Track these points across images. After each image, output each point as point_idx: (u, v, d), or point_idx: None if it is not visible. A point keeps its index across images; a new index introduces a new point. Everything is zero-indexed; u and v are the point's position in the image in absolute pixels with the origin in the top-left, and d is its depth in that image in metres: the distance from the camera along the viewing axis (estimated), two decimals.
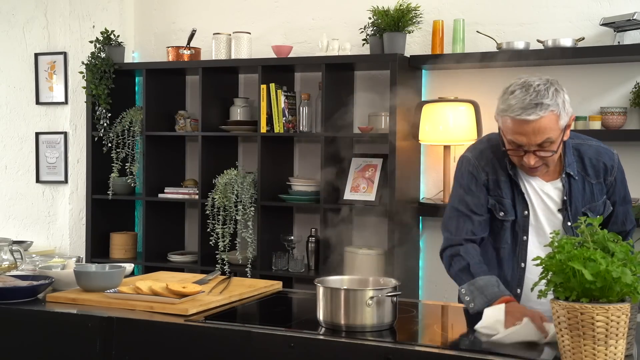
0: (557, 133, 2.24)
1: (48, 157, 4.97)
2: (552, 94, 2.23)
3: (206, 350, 2.05)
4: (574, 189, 2.35)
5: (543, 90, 2.23)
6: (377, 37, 4.07)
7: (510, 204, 2.37)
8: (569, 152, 2.37)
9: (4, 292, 2.30)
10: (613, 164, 2.40)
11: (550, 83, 2.27)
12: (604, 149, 2.43)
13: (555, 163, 2.33)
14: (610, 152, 2.43)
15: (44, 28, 4.97)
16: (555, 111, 2.22)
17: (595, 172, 2.38)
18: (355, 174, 4.21)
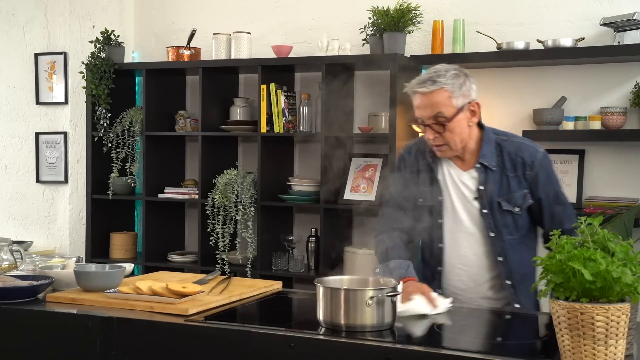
0: (451, 111, 2.46)
1: (48, 157, 4.97)
2: (450, 76, 2.48)
3: (206, 350, 2.05)
4: (489, 179, 2.52)
5: (442, 71, 2.50)
6: (377, 37, 4.07)
7: (428, 190, 2.58)
8: (487, 145, 2.54)
9: (4, 292, 2.30)
10: (534, 160, 2.52)
11: (455, 69, 2.52)
12: (526, 146, 2.56)
13: (458, 145, 2.51)
14: (533, 149, 2.55)
15: (44, 28, 4.97)
16: (447, 88, 2.46)
17: (513, 166, 2.52)
18: (355, 174, 4.21)
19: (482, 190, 2.52)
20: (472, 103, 2.51)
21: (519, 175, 2.52)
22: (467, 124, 2.50)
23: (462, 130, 2.50)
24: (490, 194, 2.51)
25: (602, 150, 3.90)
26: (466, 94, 2.49)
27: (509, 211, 2.51)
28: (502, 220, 2.52)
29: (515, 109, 4.04)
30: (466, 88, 2.50)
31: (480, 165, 2.53)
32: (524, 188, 2.52)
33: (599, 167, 3.90)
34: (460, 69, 2.55)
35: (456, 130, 2.48)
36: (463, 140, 2.51)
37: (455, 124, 2.48)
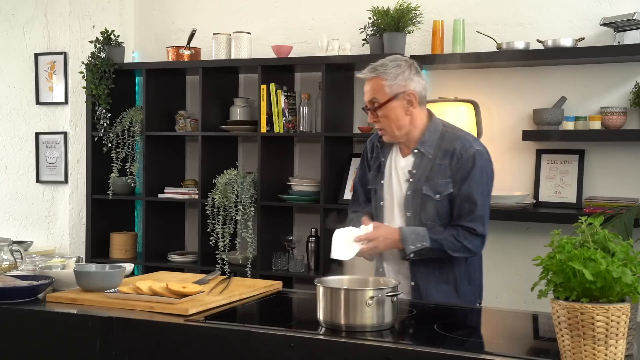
0: (384, 97, 2.62)
1: (48, 157, 4.97)
2: (391, 65, 2.64)
3: (206, 350, 2.05)
4: (422, 164, 2.66)
5: (387, 61, 2.66)
6: (377, 37, 4.07)
7: (375, 175, 2.79)
8: (431, 134, 2.68)
9: (4, 292, 2.30)
10: (463, 153, 2.61)
11: (402, 61, 2.67)
12: (464, 140, 2.66)
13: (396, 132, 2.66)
14: (469, 143, 2.64)
15: (44, 28, 4.97)
16: (383, 77, 2.62)
17: (444, 154, 2.64)
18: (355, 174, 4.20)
19: (413, 174, 2.67)
20: (407, 92, 2.62)
21: (446, 164, 2.63)
22: (403, 112, 2.64)
23: (398, 118, 2.64)
24: (418, 177, 2.65)
25: (602, 150, 3.90)
26: (402, 83, 2.62)
27: (429, 196, 2.63)
28: (422, 204, 2.64)
29: (515, 109, 4.04)
30: (403, 78, 2.62)
31: (417, 151, 2.68)
32: (448, 177, 2.62)
33: (599, 167, 3.90)
34: (410, 61, 2.69)
35: (391, 117, 2.64)
36: (400, 127, 2.65)
37: (389, 111, 2.63)
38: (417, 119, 2.67)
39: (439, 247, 2.60)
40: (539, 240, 3.51)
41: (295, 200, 4.25)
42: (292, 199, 4.26)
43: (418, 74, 2.67)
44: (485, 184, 2.65)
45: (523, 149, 4.03)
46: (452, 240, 2.60)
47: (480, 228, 2.61)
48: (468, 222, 2.60)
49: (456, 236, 2.60)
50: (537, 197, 3.97)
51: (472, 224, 2.60)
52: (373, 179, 2.80)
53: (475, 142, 2.67)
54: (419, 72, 2.69)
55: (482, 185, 2.63)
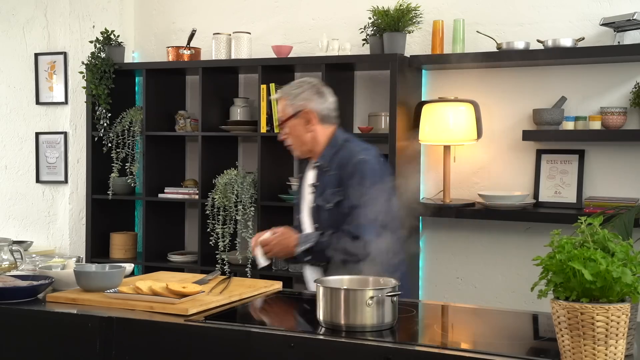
0: (286, 115, 2.85)
1: (48, 157, 4.97)
2: (294, 86, 2.89)
3: (206, 350, 2.05)
4: (321, 177, 2.84)
5: (292, 84, 2.92)
6: (377, 37, 4.07)
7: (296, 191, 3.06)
8: (330, 148, 2.85)
9: (4, 292, 2.30)
10: (349, 161, 2.76)
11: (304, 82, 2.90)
12: (352, 149, 2.82)
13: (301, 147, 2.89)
14: (355, 152, 2.80)
15: (44, 28, 4.97)
16: (285, 97, 2.86)
17: (337, 165, 2.80)
18: None
19: (316, 187, 2.85)
20: (305, 111, 2.83)
21: (337, 174, 2.78)
22: (304, 129, 2.84)
23: (300, 134, 2.86)
24: (319, 189, 2.83)
25: (602, 150, 3.90)
26: (300, 103, 2.84)
27: (321, 206, 2.81)
28: (321, 214, 2.81)
29: (515, 109, 4.04)
30: (302, 97, 2.84)
31: (317, 165, 2.87)
32: (336, 186, 2.77)
33: (599, 167, 3.90)
34: (314, 82, 2.92)
35: (293, 133, 2.87)
36: (303, 143, 2.87)
37: (291, 128, 2.86)
38: (319, 136, 2.85)
39: (322, 248, 2.71)
40: (539, 240, 3.51)
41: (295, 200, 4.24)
42: (292, 199, 4.25)
43: (320, 94, 2.87)
44: (369, 193, 2.70)
45: (523, 149, 4.03)
46: (335, 243, 2.68)
47: (359, 232, 2.64)
48: (351, 227, 2.68)
49: (339, 239, 2.68)
50: (537, 197, 3.97)
51: (353, 229, 2.67)
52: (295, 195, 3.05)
53: (363, 152, 2.80)
54: (323, 93, 2.88)
55: (363, 191, 2.70)
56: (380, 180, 2.76)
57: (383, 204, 2.71)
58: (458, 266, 4.19)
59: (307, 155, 2.92)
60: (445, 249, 4.21)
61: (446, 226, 4.19)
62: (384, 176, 2.80)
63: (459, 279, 4.19)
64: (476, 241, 4.14)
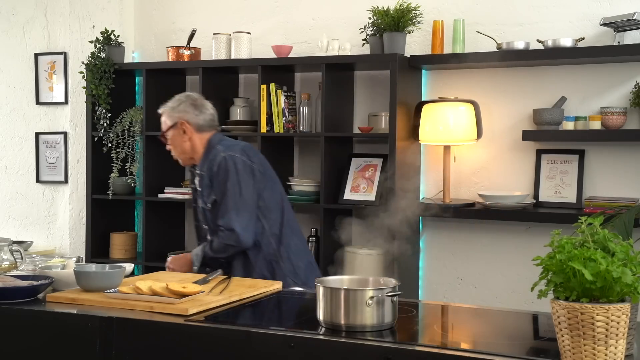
0: (165, 127, 3.15)
1: (48, 157, 4.97)
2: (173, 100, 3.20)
3: (206, 350, 2.05)
4: (201, 182, 3.10)
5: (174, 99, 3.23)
6: (377, 37, 4.07)
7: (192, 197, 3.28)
8: (206, 155, 3.11)
9: (4, 292, 2.30)
10: (213, 163, 3.05)
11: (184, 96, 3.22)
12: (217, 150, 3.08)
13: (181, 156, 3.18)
14: (218, 153, 3.06)
15: (44, 28, 4.97)
16: (165, 112, 3.18)
17: (207, 168, 3.08)
18: (355, 174, 4.21)
19: (198, 192, 3.14)
20: (180, 123, 3.12)
21: (209, 176, 3.07)
22: (181, 139, 3.13)
23: (179, 144, 3.14)
24: (202, 192, 3.10)
25: (602, 150, 3.90)
26: (176, 115, 3.13)
27: (203, 207, 3.11)
28: (206, 215, 3.11)
29: (515, 109, 4.04)
30: (179, 109, 3.14)
31: (197, 172, 3.14)
32: (210, 187, 3.06)
33: (599, 167, 3.90)
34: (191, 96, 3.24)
35: (173, 143, 3.16)
36: (183, 152, 3.16)
37: (171, 138, 3.15)
38: (197, 144, 3.13)
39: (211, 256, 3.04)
40: (539, 240, 3.51)
41: (295, 200, 4.25)
42: (292, 199, 4.25)
43: (195, 107, 3.16)
44: (232, 185, 3.00)
45: (523, 149, 4.03)
46: (217, 242, 3.02)
47: (229, 224, 2.98)
48: (220, 221, 3.00)
49: (217, 238, 3.02)
50: (537, 197, 3.97)
51: (222, 222, 3.00)
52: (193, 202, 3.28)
53: (226, 150, 3.07)
54: (199, 105, 3.17)
55: (227, 185, 3.00)
56: (245, 174, 3.03)
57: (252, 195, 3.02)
58: (458, 266, 4.19)
59: (190, 162, 3.19)
60: (445, 249, 4.21)
61: (446, 226, 4.19)
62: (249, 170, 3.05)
63: (459, 279, 4.19)
64: (476, 241, 4.14)
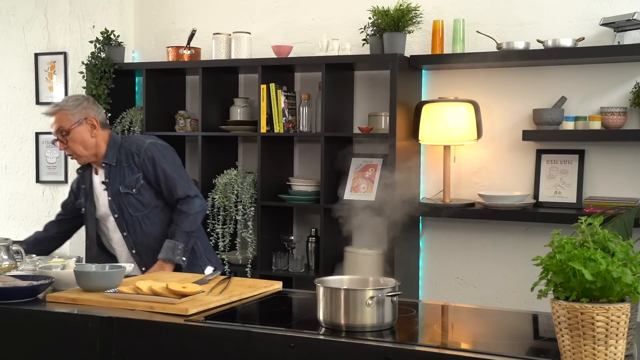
0: (68, 124, 3.19)
1: (48, 157, 4.97)
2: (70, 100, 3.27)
3: (206, 350, 2.05)
4: (111, 173, 3.23)
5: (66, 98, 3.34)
6: (377, 37, 4.07)
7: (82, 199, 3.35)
8: (111, 148, 3.24)
9: (4, 292, 2.30)
10: (139, 149, 3.22)
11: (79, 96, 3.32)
12: (137, 140, 3.29)
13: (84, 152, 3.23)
14: (141, 141, 3.27)
15: (44, 28, 4.97)
16: (64, 108, 3.20)
17: (126, 158, 3.23)
18: (355, 174, 4.21)
19: (107, 182, 3.23)
20: (89, 118, 3.21)
21: (130, 164, 3.21)
22: (89, 135, 3.21)
23: (85, 140, 3.21)
24: (112, 183, 3.22)
25: (602, 150, 3.90)
26: (83, 111, 3.21)
27: (127, 193, 3.21)
28: (125, 201, 3.22)
29: (515, 109, 4.04)
30: (83, 107, 3.22)
31: (104, 164, 3.24)
32: (137, 173, 3.21)
33: (599, 167, 3.90)
34: (85, 96, 3.40)
35: (78, 140, 3.20)
36: (88, 148, 3.23)
37: (76, 135, 3.19)
38: (100, 140, 3.24)
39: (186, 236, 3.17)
40: (539, 240, 3.51)
41: (295, 200, 4.25)
42: (292, 199, 4.26)
43: (95, 104, 3.28)
44: (171, 162, 3.26)
45: (523, 149, 4.03)
46: (184, 217, 3.18)
47: (191, 191, 3.23)
48: (180, 193, 3.20)
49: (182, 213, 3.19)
50: (537, 197, 3.97)
51: (182, 192, 3.20)
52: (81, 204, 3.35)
53: (147, 139, 3.31)
54: (96, 103, 3.30)
55: (169, 163, 3.24)
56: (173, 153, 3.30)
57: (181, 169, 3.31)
58: (458, 266, 4.19)
59: (91, 160, 3.27)
60: (445, 249, 4.21)
61: (446, 226, 4.19)
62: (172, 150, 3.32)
63: (459, 279, 4.19)
64: (476, 241, 4.14)
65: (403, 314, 2.21)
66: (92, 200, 3.31)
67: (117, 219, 3.24)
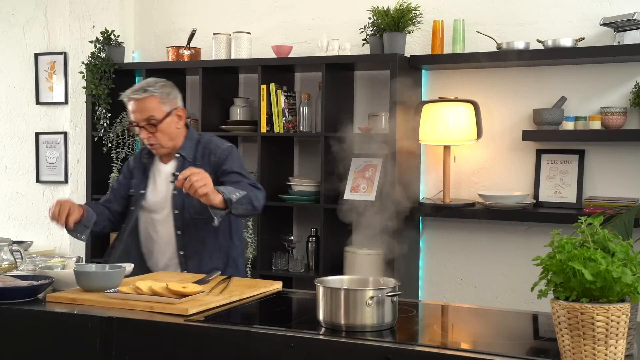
0: (161, 114, 3.00)
1: (48, 157, 4.97)
2: (158, 86, 3.04)
3: (206, 350, 2.05)
4: (185, 167, 2.95)
5: (152, 82, 3.07)
6: (377, 37, 4.07)
7: (138, 183, 3.13)
8: (189, 141, 3.09)
9: (4, 292, 2.30)
10: (217, 148, 3.07)
11: (163, 81, 3.09)
12: (217, 140, 3.13)
13: (168, 143, 3.04)
14: (220, 142, 3.11)
15: (44, 28, 4.97)
16: (157, 95, 3.00)
17: (202, 155, 3.07)
18: (355, 174, 4.21)
19: (177, 176, 2.94)
20: (178, 109, 3.06)
21: (205, 163, 3.03)
22: (175, 126, 3.05)
23: (171, 132, 3.04)
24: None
25: (602, 150, 3.90)
26: (173, 101, 3.05)
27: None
28: (188, 200, 2.97)
29: (515, 109, 4.04)
30: (172, 96, 3.06)
31: (179, 155, 3.07)
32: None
33: (599, 167, 3.90)
34: (167, 81, 3.12)
35: (166, 131, 3.03)
36: (172, 139, 3.05)
37: (165, 126, 3.02)
38: (181, 131, 3.09)
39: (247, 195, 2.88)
40: (539, 240, 3.51)
41: (295, 200, 4.25)
42: (292, 199, 4.25)
43: (179, 92, 3.12)
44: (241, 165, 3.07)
45: (523, 149, 4.03)
46: (250, 188, 2.94)
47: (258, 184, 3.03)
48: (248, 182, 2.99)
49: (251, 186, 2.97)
50: (537, 197, 3.97)
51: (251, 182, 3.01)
52: (135, 187, 3.14)
53: (226, 142, 3.13)
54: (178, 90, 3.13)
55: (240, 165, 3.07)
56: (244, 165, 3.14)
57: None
58: (458, 266, 4.19)
59: (169, 151, 3.08)
60: (445, 249, 4.21)
61: (446, 226, 4.19)
62: None
63: (459, 279, 4.19)
64: (476, 241, 4.14)
65: (403, 314, 2.21)
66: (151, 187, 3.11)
67: (176, 215, 3.03)
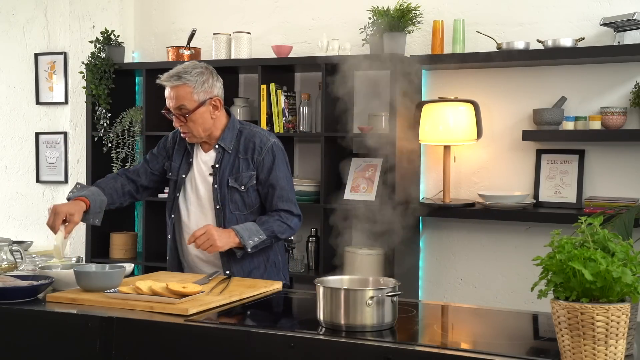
0: (192, 104, 2.82)
1: (48, 157, 4.97)
2: (195, 73, 2.83)
3: (206, 350, 2.05)
4: (224, 159, 2.89)
5: (189, 69, 2.85)
6: (377, 37, 4.07)
7: (177, 167, 2.97)
8: (230, 131, 2.91)
9: (4, 292, 2.30)
10: (262, 146, 2.90)
11: (202, 67, 2.87)
12: (261, 134, 2.95)
13: (202, 133, 2.87)
14: (265, 137, 2.93)
15: (44, 28, 4.97)
16: (190, 84, 2.81)
17: (245, 149, 2.90)
18: (355, 174, 4.21)
19: (217, 168, 2.89)
20: (213, 99, 2.87)
21: (248, 158, 2.89)
22: (209, 116, 2.87)
23: (205, 122, 2.86)
24: (222, 171, 2.89)
25: (602, 150, 3.90)
26: (208, 90, 2.85)
27: (235, 188, 2.88)
28: (229, 195, 2.87)
29: (515, 109, 4.04)
30: (208, 85, 2.85)
31: (218, 147, 2.91)
32: (252, 170, 2.89)
33: (599, 167, 3.90)
34: (208, 67, 2.90)
35: (198, 121, 2.84)
36: (206, 129, 2.88)
37: (197, 116, 2.83)
38: (218, 121, 2.91)
39: (272, 235, 2.84)
40: (539, 240, 3.51)
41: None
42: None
43: (218, 79, 2.92)
44: (286, 171, 2.95)
45: (523, 149, 4.03)
46: (280, 223, 2.85)
47: (294, 209, 2.92)
48: (284, 205, 2.88)
49: (281, 220, 2.86)
50: (537, 197, 3.97)
51: (287, 206, 2.89)
52: (173, 170, 2.99)
53: (270, 136, 2.96)
54: (218, 77, 2.92)
55: (284, 172, 2.94)
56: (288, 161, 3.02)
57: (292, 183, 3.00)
58: (458, 266, 4.19)
59: (204, 140, 2.93)
60: (445, 249, 4.21)
61: (446, 226, 4.19)
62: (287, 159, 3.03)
63: (459, 279, 4.19)
64: (476, 241, 4.14)
65: (403, 314, 2.21)
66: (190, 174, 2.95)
67: (217, 210, 2.88)
